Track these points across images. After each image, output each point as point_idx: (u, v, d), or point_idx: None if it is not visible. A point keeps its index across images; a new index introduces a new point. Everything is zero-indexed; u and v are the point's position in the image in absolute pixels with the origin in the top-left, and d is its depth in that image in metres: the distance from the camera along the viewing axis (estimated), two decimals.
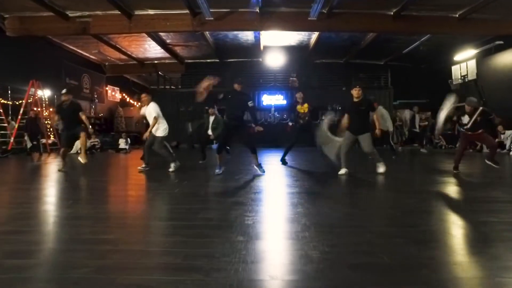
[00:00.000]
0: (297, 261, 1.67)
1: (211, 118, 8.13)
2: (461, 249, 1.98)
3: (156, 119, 6.12)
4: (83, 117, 6.33)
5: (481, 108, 5.76)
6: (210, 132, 8.01)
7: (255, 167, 5.65)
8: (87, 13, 10.35)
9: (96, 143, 13.11)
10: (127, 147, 12.57)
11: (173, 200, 3.48)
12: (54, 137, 12.22)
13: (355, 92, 5.63)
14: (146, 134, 6.26)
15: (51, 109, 13.10)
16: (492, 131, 6.47)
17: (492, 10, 10.22)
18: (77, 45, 13.88)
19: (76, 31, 10.63)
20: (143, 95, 6.53)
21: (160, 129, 6.24)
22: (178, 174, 5.74)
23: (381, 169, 5.58)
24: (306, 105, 7.36)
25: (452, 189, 4.29)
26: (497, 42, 11.54)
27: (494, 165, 5.74)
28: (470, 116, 5.75)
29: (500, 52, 11.88)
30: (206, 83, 5.39)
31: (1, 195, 3.98)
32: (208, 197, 3.74)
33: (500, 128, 10.85)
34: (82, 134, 6.26)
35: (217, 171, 5.53)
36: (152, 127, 6.14)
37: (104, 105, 17.80)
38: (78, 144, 11.72)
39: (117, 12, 10.25)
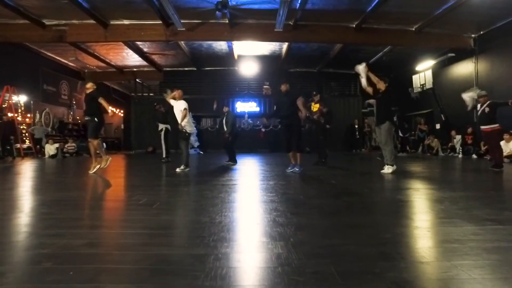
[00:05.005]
0: None
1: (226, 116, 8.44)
2: None
3: (186, 110, 6.55)
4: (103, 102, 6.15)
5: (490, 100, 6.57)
6: (225, 128, 8.26)
7: (294, 167, 5.92)
8: (63, 21, 10.79)
9: (72, 148, 13.39)
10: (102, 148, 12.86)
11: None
12: (29, 142, 12.43)
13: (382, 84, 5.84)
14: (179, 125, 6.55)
15: (28, 115, 13.40)
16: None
17: (443, 25, 11.19)
18: (55, 52, 14.22)
19: (52, 39, 11.05)
20: (179, 90, 6.87)
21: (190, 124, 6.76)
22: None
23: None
24: (317, 105, 8.00)
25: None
26: (450, 55, 12.52)
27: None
28: (481, 106, 6.57)
29: (453, 64, 12.88)
30: None
31: None
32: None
33: (453, 133, 11.84)
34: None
35: (296, 169, 5.80)
36: (183, 119, 6.49)
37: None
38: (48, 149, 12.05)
39: (92, 21, 10.72)
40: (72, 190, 4.25)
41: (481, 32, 11.83)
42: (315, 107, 8.09)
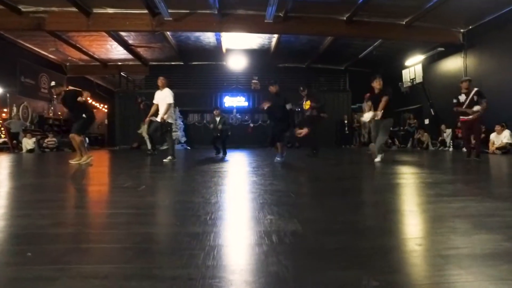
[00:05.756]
0: None
1: (217, 118, 8.35)
2: None
3: (170, 105, 6.12)
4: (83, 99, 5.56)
5: (476, 88, 6.19)
6: (219, 127, 8.23)
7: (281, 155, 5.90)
8: (41, 8, 10.17)
9: (52, 143, 12.76)
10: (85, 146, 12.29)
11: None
12: (5, 136, 11.74)
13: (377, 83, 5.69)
14: (160, 118, 6.12)
15: (4, 109, 12.67)
16: None
17: (433, 19, 11.12)
18: (34, 43, 13.49)
19: (29, 26, 10.39)
20: (161, 78, 6.34)
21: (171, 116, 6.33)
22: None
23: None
24: (308, 102, 7.90)
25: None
26: (439, 49, 12.50)
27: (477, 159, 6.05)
28: (467, 95, 6.15)
29: (442, 58, 12.88)
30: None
31: None
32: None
33: (443, 127, 11.83)
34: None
35: (278, 158, 5.73)
36: (165, 113, 6.08)
37: None
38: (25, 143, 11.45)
39: (74, 9, 10.15)
40: (48, 177, 3.84)
41: (470, 27, 11.84)
42: (306, 104, 8.00)
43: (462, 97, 6.34)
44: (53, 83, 5.92)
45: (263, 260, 1.10)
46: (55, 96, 5.84)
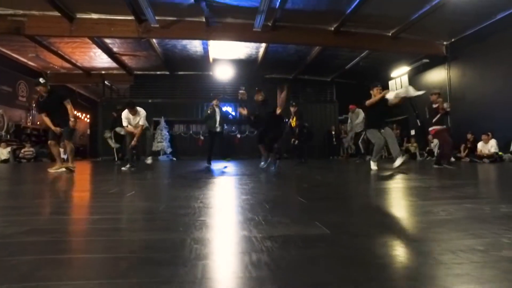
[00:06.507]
0: None
1: (217, 110, 7.73)
2: None
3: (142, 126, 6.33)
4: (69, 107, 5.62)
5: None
6: (218, 126, 7.63)
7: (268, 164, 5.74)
8: (21, 11, 9.75)
9: (29, 153, 12.12)
10: (64, 157, 11.71)
11: None
12: None
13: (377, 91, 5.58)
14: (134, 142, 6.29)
15: None
16: None
17: (418, 31, 11.34)
18: (11, 48, 12.93)
19: (7, 30, 9.91)
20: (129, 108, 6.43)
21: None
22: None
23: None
24: (294, 119, 8.28)
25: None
26: (424, 61, 12.76)
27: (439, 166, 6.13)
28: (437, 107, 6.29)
29: (427, 70, 13.14)
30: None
31: None
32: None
33: (430, 137, 11.92)
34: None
35: (262, 163, 5.64)
36: (138, 138, 6.32)
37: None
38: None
39: (56, 13, 9.79)
40: (25, 184, 3.47)
41: (453, 40, 12.16)
42: (293, 121, 8.31)
43: (435, 105, 6.54)
44: (43, 80, 5.55)
45: (298, 268, 0.87)
46: (40, 93, 5.56)
